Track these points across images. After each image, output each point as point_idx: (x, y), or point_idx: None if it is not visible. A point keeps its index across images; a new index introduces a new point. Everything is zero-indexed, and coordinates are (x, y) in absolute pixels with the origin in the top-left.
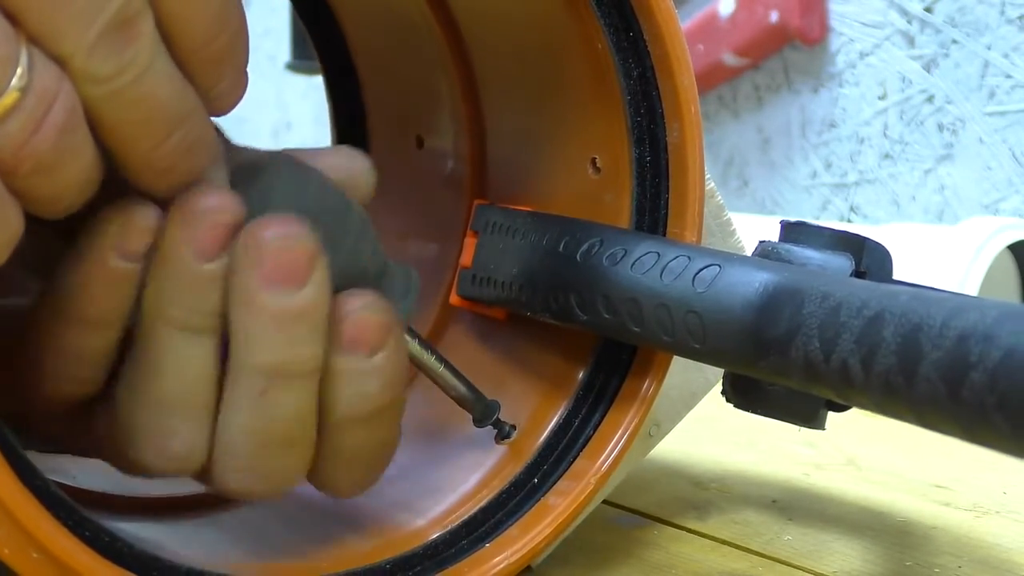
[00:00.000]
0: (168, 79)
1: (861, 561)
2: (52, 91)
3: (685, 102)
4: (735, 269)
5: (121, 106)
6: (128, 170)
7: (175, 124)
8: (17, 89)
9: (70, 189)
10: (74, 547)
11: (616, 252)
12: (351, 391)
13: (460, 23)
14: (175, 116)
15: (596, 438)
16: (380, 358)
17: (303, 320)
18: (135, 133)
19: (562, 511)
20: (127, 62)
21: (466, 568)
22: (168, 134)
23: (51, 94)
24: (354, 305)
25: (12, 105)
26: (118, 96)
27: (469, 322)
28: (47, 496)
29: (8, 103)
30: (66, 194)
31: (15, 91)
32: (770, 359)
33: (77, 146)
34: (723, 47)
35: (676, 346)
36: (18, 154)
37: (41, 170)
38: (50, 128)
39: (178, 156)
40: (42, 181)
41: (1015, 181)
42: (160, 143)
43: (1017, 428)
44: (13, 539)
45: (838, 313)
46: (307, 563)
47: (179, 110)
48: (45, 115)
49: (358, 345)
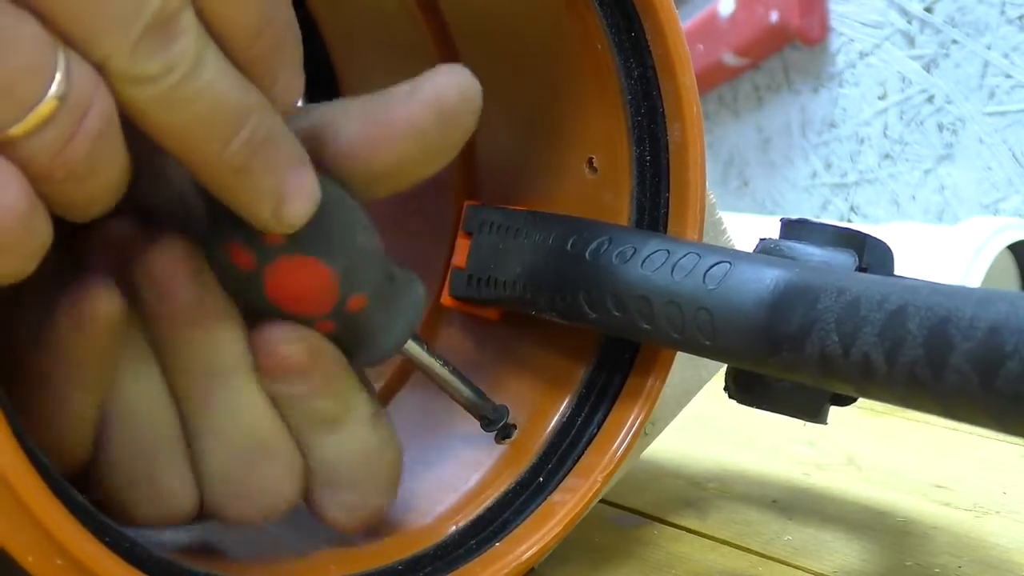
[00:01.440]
0: (222, 74)
1: (861, 561)
2: (88, 97)
3: (687, 102)
4: (746, 266)
5: (177, 106)
6: (203, 176)
7: (240, 120)
8: (56, 97)
9: (103, 194)
10: (98, 552)
11: (625, 250)
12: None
13: (447, 17)
14: (238, 111)
15: (601, 435)
16: (311, 385)
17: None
18: (199, 134)
19: (570, 509)
20: (175, 59)
21: (478, 568)
22: (235, 131)
23: (87, 101)
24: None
25: (50, 114)
26: (171, 96)
27: (460, 323)
28: (70, 502)
29: (46, 112)
30: (98, 199)
31: (54, 99)
32: (783, 355)
33: (111, 153)
34: (723, 47)
35: (687, 343)
36: (52, 162)
37: (75, 177)
38: (86, 136)
39: (251, 153)
40: (75, 187)
41: (1015, 181)
42: (228, 141)
43: None
44: (37, 545)
45: (857, 307)
46: (317, 565)
47: (241, 104)
48: (81, 122)
49: (277, 374)
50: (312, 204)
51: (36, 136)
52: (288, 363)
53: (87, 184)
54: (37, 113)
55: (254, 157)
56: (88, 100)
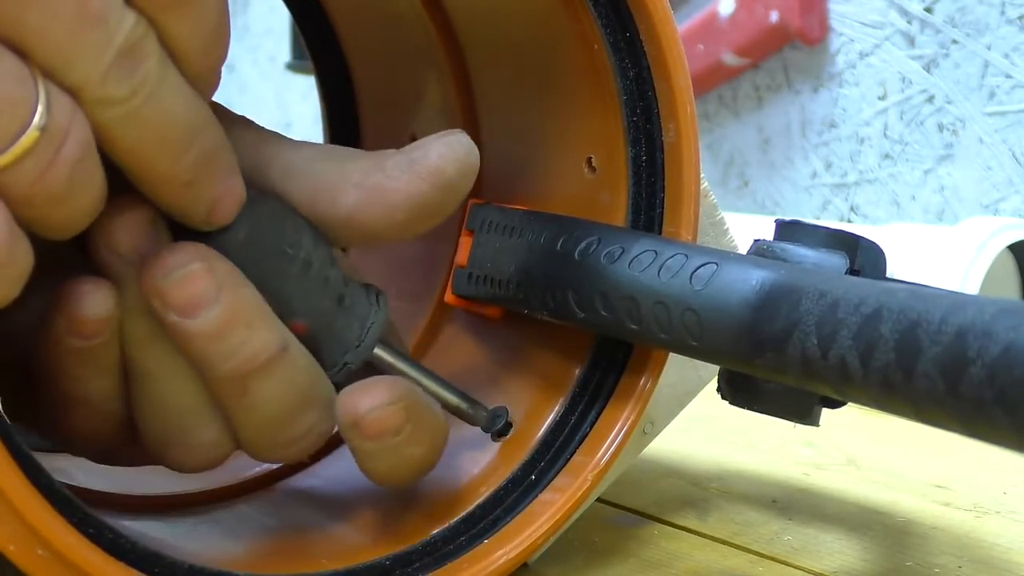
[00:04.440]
0: (179, 94)
1: (861, 561)
2: (66, 125)
3: (681, 102)
4: (732, 267)
5: (138, 125)
6: (150, 189)
7: (192, 137)
8: (38, 128)
9: (82, 215)
10: (79, 544)
11: (614, 250)
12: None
13: (454, 20)
14: (191, 129)
15: (593, 435)
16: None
17: (224, 335)
18: (155, 151)
19: (559, 507)
20: (139, 82)
21: (465, 564)
22: (187, 148)
23: (66, 129)
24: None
25: (32, 145)
26: (134, 116)
27: (464, 321)
28: (52, 493)
29: (28, 144)
30: (77, 220)
31: (35, 130)
32: (767, 356)
33: (88, 175)
34: (723, 47)
35: (673, 343)
36: (32, 189)
37: (54, 202)
38: (64, 162)
39: (199, 168)
40: (54, 211)
41: (1015, 181)
42: (180, 157)
43: (1016, 422)
44: (19, 536)
45: (836, 310)
46: (306, 559)
47: (194, 122)
48: (59, 151)
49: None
50: (239, 206)
51: (17, 166)
52: (383, 425)
53: (66, 207)
54: (20, 145)
55: (200, 171)
56: (66, 128)
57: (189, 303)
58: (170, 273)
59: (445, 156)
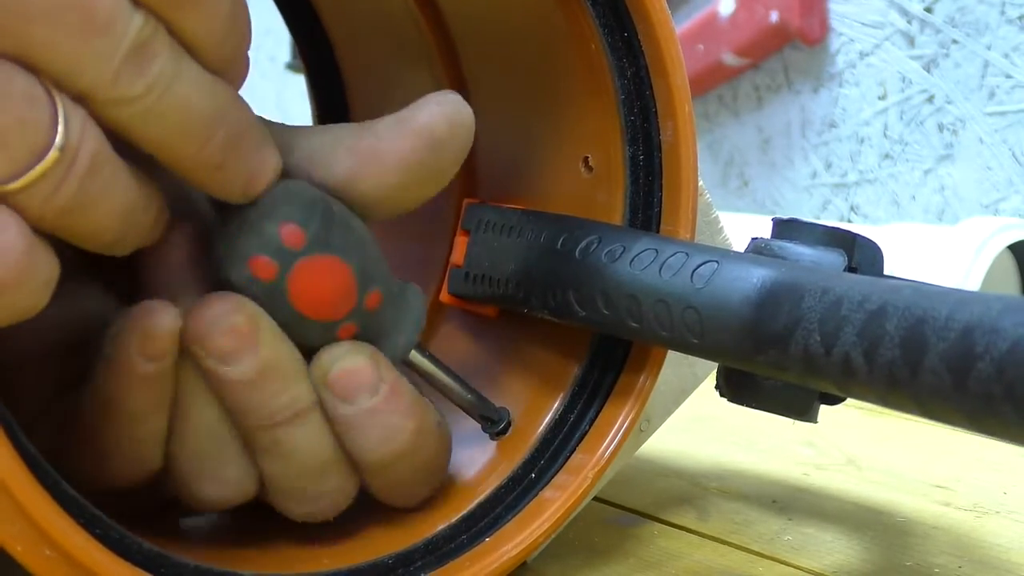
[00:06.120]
0: (196, 84)
1: (861, 561)
2: (77, 142)
3: (679, 101)
4: (733, 265)
5: (157, 120)
6: (183, 174)
7: (215, 124)
8: (58, 149)
9: (109, 223)
10: (87, 544)
11: (615, 249)
12: (368, 434)
13: (448, 19)
14: (214, 117)
15: (592, 433)
16: (376, 401)
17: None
18: (179, 141)
19: (560, 505)
20: (152, 79)
21: (467, 563)
22: (211, 135)
23: (76, 145)
24: (332, 356)
25: (51, 166)
26: (152, 111)
27: (460, 320)
28: (60, 494)
29: (47, 166)
30: (106, 228)
31: (56, 151)
32: (768, 353)
33: (103, 185)
34: (723, 47)
35: (674, 342)
36: (43, 207)
37: (68, 213)
38: (74, 177)
39: (228, 151)
40: (75, 221)
41: (1015, 181)
42: (205, 144)
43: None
44: (26, 536)
45: (839, 307)
46: (308, 558)
47: (216, 109)
48: (71, 167)
49: (348, 395)
50: (275, 175)
51: (32, 187)
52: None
53: (88, 217)
54: (37, 169)
55: (229, 153)
56: (77, 144)
57: (227, 351)
58: (212, 324)
59: (435, 114)
